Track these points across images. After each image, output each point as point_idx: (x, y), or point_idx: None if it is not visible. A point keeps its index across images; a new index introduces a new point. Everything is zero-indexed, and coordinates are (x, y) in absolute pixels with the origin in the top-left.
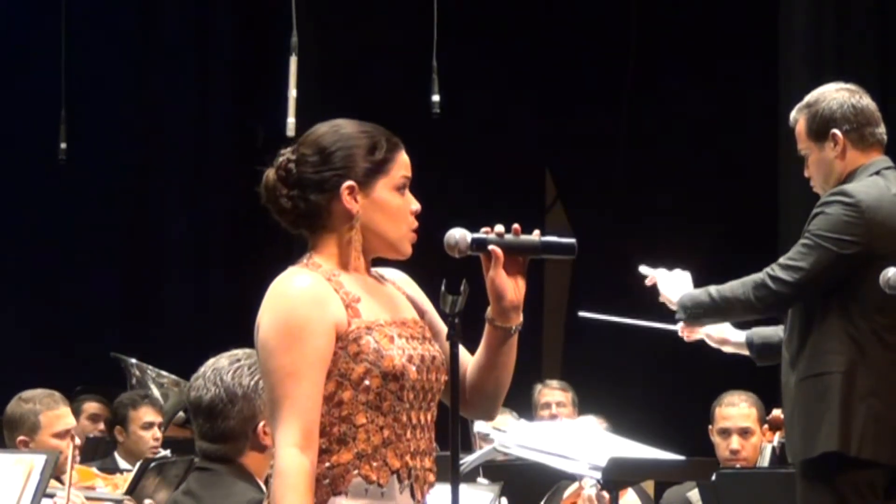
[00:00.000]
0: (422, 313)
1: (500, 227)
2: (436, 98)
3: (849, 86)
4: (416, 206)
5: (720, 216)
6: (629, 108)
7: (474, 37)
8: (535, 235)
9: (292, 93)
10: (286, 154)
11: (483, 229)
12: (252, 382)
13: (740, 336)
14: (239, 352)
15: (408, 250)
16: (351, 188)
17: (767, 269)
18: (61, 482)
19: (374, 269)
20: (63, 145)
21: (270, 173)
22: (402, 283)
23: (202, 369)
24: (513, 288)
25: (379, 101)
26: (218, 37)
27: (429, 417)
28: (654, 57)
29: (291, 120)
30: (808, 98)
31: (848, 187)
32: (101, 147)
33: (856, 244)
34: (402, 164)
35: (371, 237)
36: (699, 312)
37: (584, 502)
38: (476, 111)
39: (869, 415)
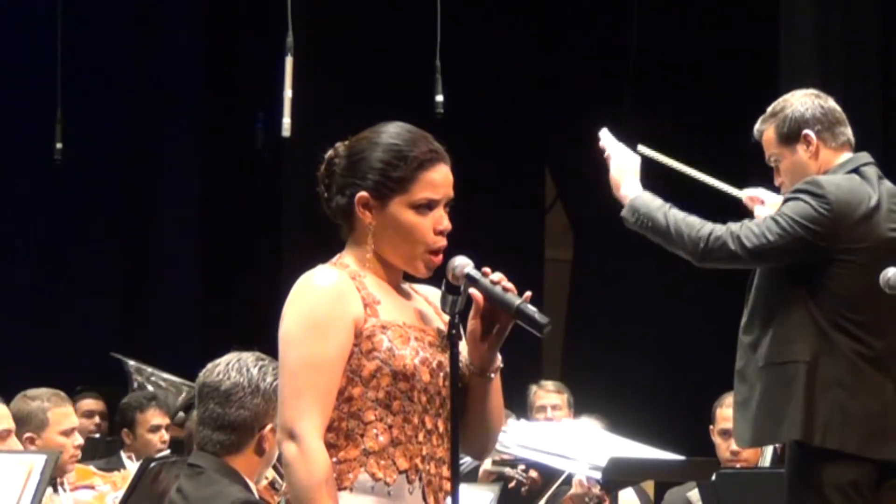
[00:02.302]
0: None
1: (497, 275)
2: (439, 98)
3: (812, 91)
4: (443, 225)
5: (722, 216)
6: (629, 107)
7: (475, 37)
8: (522, 299)
9: (288, 93)
10: (337, 147)
11: (484, 269)
12: (273, 383)
13: None
14: (261, 354)
15: (421, 270)
16: (365, 200)
17: (730, 226)
18: (61, 482)
19: (406, 284)
20: (59, 145)
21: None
22: (433, 299)
23: (223, 359)
24: (480, 336)
25: (381, 101)
26: (217, 37)
27: (448, 426)
28: (654, 56)
29: (287, 120)
30: (772, 107)
31: (820, 178)
32: (98, 147)
33: (822, 236)
34: (426, 183)
35: (385, 251)
36: (644, 223)
37: (577, 486)
38: (476, 111)
39: (835, 405)
